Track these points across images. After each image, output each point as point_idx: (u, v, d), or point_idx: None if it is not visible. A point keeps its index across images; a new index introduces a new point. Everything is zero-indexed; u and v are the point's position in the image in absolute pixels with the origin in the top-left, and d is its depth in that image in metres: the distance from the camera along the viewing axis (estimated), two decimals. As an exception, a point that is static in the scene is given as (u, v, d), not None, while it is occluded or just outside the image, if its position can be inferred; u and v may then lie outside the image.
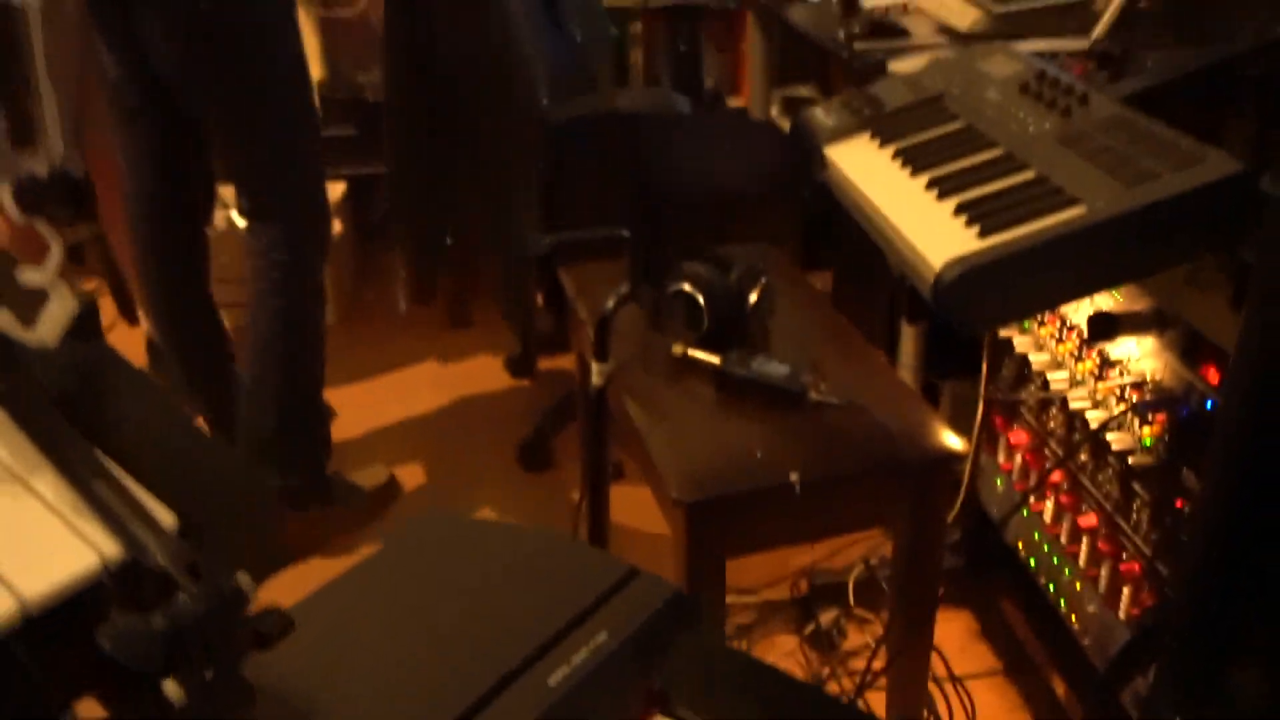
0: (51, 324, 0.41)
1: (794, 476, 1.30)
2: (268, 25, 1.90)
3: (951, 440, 1.39)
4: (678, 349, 1.51)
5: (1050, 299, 1.25)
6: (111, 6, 1.89)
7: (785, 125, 3.15)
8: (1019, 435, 1.67)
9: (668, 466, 1.34)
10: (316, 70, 3.09)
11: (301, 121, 2.03)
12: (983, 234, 1.14)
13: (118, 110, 2.04)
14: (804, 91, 3.19)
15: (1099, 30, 2.07)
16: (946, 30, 2.19)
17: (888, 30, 2.16)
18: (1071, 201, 1.13)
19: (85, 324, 0.43)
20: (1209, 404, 1.24)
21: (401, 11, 2.15)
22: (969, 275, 1.09)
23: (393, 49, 2.20)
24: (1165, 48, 1.98)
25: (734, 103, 3.33)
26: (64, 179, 1.42)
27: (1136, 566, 1.37)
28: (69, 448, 0.41)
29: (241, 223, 2.08)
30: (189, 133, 2.03)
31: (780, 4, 2.49)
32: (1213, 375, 1.24)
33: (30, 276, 0.41)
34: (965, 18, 2.14)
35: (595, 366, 1.51)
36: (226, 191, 2.44)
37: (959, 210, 1.20)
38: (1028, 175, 1.22)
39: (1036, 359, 1.57)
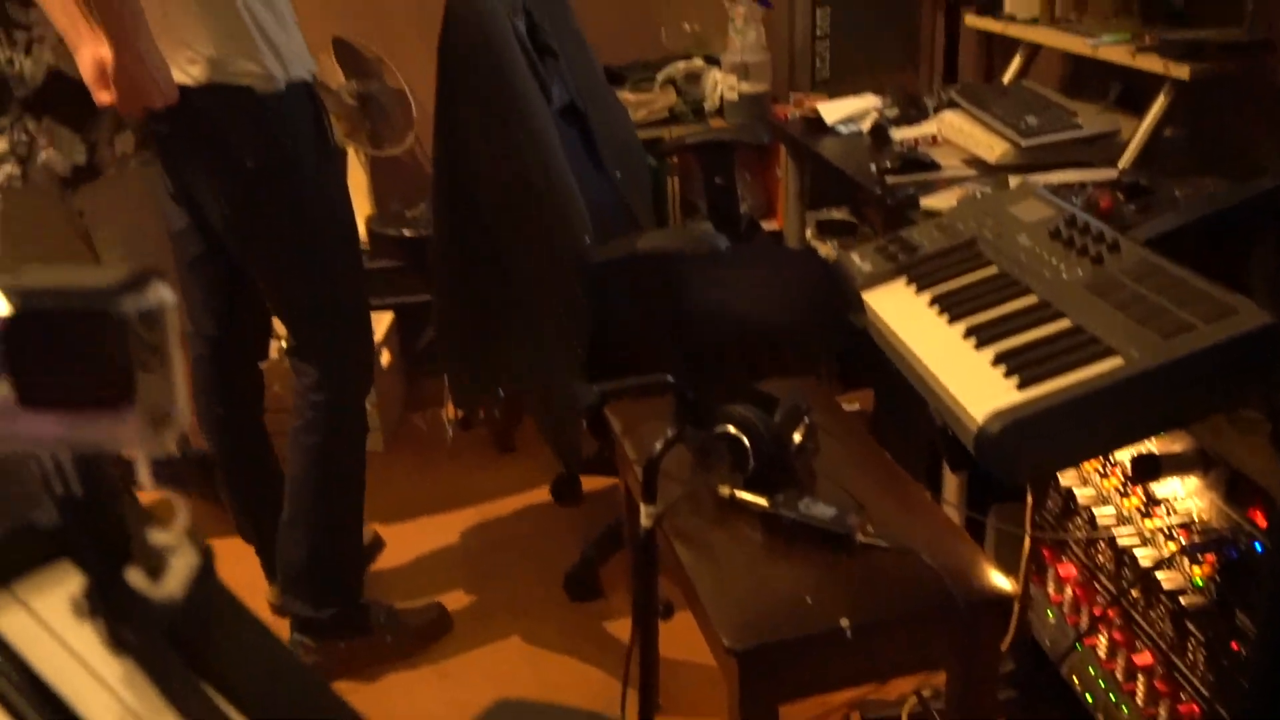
0: (177, 580, 0.45)
1: (844, 622, 1.31)
2: (310, 184, 1.98)
3: (1000, 581, 1.40)
4: (724, 491, 1.53)
5: (1092, 449, 1.27)
6: (175, 166, 1.99)
7: (821, 248, 3.21)
8: (1068, 568, 1.67)
9: (718, 613, 1.36)
10: (366, 206, 3.20)
11: (344, 271, 2.10)
12: (1022, 385, 1.17)
13: (180, 258, 2.13)
14: (837, 214, 3.26)
15: (1125, 161, 2.12)
16: (975, 162, 2.25)
17: (918, 164, 2.22)
18: (1108, 352, 1.16)
19: (202, 571, 0.47)
20: (1257, 546, 1.25)
21: (448, 153, 2.24)
22: (1011, 429, 1.11)
23: (439, 188, 2.28)
24: (1192, 177, 2.03)
25: (768, 226, 3.41)
26: (197, 458, 1.49)
27: (1196, 708, 1.36)
28: (189, 694, 0.45)
29: (292, 356, 2.16)
30: (245, 280, 2.11)
31: (811, 138, 2.57)
32: (1259, 518, 1.25)
33: (160, 538, 0.45)
34: (993, 150, 2.20)
35: (644, 509, 1.54)
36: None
37: (998, 360, 1.23)
38: (1063, 324, 1.26)
39: (1082, 493, 1.58)
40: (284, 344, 2.87)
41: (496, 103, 2.10)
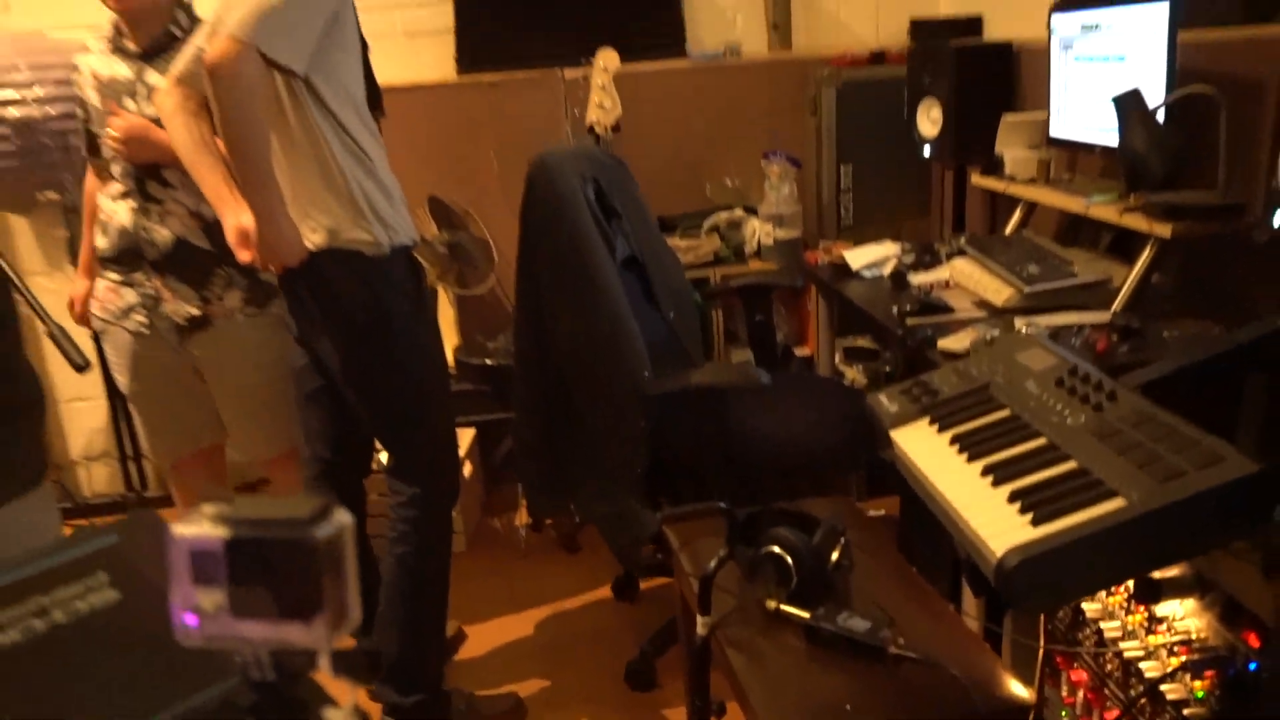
0: (347, 749, 0.48)
1: (881, 729, 1.31)
2: (406, 333, 2.04)
3: (1018, 689, 1.39)
4: (771, 604, 1.54)
5: (1101, 582, 1.27)
6: (298, 314, 2.08)
7: (848, 372, 3.24)
8: (1079, 674, 1.64)
9: (768, 718, 1.36)
10: (453, 338, 3.29)
11: (435, 405, 2.16)
12: (1035, 522, 1.18)
13: (300, 390, 2.20)
14: (862, 342, 3.29)
15: (1118, 305, 2.14)
16: (984, 305, 2.28)
17: (933, 307, 2.25)
18: (1111, 494, 1.17)
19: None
20: (1252, 665, 1.23)
21: (528, 300, 2.30)
22: (1028, 564, 1.12)
23: (520, 331, 2.34)
24: (1178, 320, 2.05)
25: (801, 352, 3.45)
26: (367, 653, 1.54)
27: (1201, 812, 1.32)
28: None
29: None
30: (352, 410, 2.17)
31: (838, 281, 2.61)
32: (1253, 639, 1.24)
33: (333, 715, 0.49)
34: (1000, 294, 2.23)
35: (700, 619, 1.55)
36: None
37: (1013, 498, 1.24)
38: (1070, 466, 1.26)
39: (1090, 608, 1.56)
40: (383, 460, 2.94)
41: (569, 258, 2.18)
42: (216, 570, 0.45)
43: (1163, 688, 1.36)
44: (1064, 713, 1.72)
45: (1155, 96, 2.07)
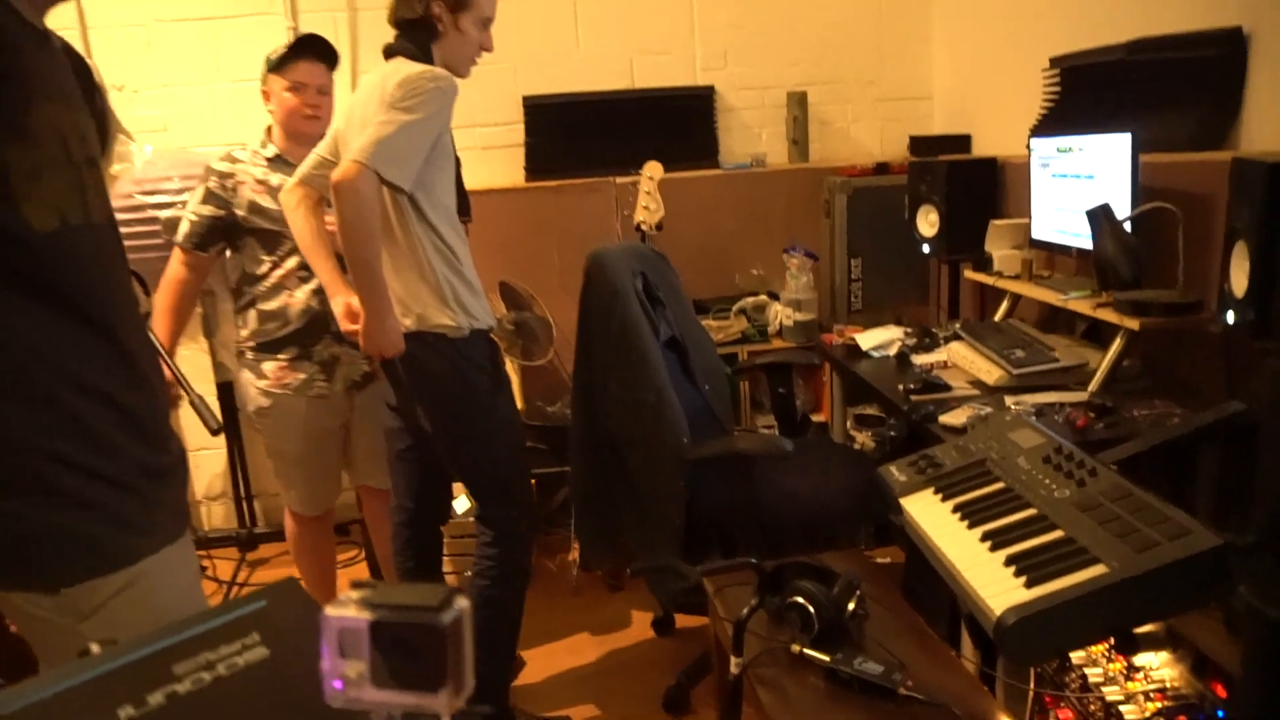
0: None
1: (894, 763, 1.29)
2: (486, 403, 2.07)
3: (1014, 729, 1.37)
4: (795, 648, 1.53)
5: (1088, 639, 1.26)
6: (393, 384, 2.12)
7: (858, 436, 3.22)
8: (1066, 713, 1.61)
9: (794, 750, 1.34)
10: (517, 402, 3.32)
11: (512, 462, 2.17)
12: (1029, 585, 1.18)
13: (391, 449, 2.25)
14: (870, 410, 3.28)
15: (1094, 385, 2.13)
16: (977, 384, 2.28)
17: (934, 385, 2.26)
18: (1094, 561, 1.17)
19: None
20: (1220, 713, 1.21)
21: (584, 375, 2.33)
22: (1024, 622, 1.12)
23: (577, 404, 2.37)
24: (1146, 399, 2.03)
25: (817, 418, 3.44)
26: (477, 714, 1.55)
27: (1179, 845, 1.29)
28: None
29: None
30: (435, 467, 2.20)
31: (850, 360, 2.62)
32: (1220, 690, 1.22)
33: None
34: (991, 375, 2.23)
35: (733, 660, 1.55)
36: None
37: (1008, 562, 1.24)
38: (1058, 534, 1.26)
39: (1075, 655, 1.54)
40: (461, 500, 2.95)
41: (620, 340, 2.21)
42: (360, 646, 0.48)
43: (1141, 731, 1.34)
44: (1053, 748, 1.68)
45: (1122, 209, 2.08)
